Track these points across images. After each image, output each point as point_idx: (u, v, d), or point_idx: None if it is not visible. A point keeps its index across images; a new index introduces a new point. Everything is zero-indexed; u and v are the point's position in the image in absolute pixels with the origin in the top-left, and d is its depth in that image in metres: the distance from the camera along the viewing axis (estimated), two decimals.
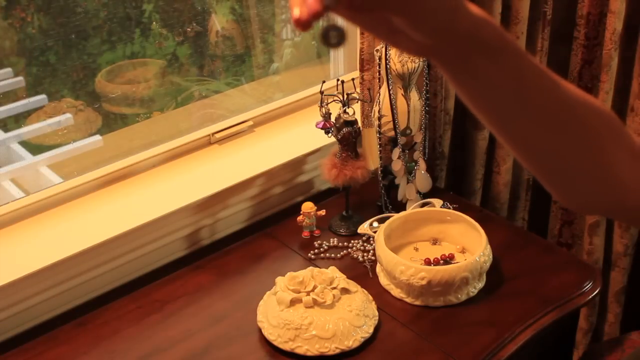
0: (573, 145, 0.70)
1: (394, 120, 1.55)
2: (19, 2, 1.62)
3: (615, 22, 1.71)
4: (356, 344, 1.26)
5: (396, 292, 1.38)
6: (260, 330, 1.30)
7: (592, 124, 0.70)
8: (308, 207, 1.53)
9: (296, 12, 0.52)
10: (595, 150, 0.71)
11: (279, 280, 1.32)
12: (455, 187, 1.82)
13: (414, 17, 0.59)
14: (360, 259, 1.49)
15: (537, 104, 0.67)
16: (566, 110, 0.68)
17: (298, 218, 1.54)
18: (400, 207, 1.60)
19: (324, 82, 1.49)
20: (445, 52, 0.63)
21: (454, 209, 1.54)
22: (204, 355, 1.28)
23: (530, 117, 0.68)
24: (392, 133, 1.56)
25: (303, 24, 0.52)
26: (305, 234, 1.55)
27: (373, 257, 1.48)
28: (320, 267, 1.37)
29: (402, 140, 1.56)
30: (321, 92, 1.47)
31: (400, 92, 1.52)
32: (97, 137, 1.67)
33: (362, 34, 1.60)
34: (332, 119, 1.50)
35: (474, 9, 0.62)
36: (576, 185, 0.74)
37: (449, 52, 0.63)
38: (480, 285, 1.39)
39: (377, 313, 1.32)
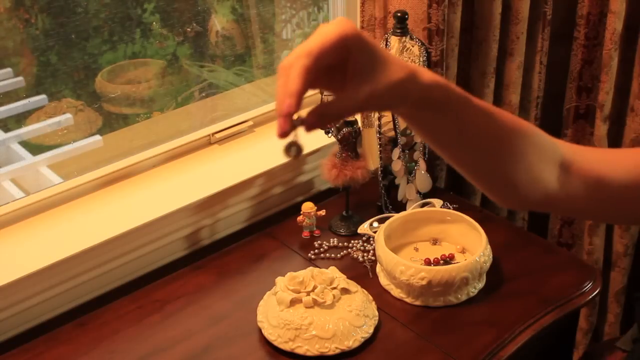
0: (505, 164, 0.85)
1: (394, 120, 1.55)
2: (22, 3, 1.62)
3: (615, 22, 1.71)
4: (356, 344, 1.26)
5: (396, 292, 1.38)
6: (260, 330, 1.30)
7: (520, 146, 0.84)
8: (308, 207, 1.53)
9: (277, 127, 0.70)
10: (523, 166, 0.85)
11: (279, 280, 1.32)
12: (455, 187, 1.82)
13: (371, 109, 0.77)
14: (360, 259, 1.49)
15: (475, 140, 0.81)
16: (498, 139, 0.83)
17: (298, 218, 1.54)
18: (400, 207, 1.60)
19: None
20: (399, 111, 0.78)
21: (454, 209, 1.54)
22: (204, 355, 1.28)
23: (469, 148, 0.82)
24: (392, 133, 1.56)
25: (280, 136, 0.70)
26: (305, 234, 1.55)
27: (373, 257, 1.48)
28: (320, 267, 1.37)
29: (402, 140, 1.56)
30: (321, 93, 1.47)
31: None
32: (97, 137, 1.67)
33: None
34: None
35: (426, 75, 0.74)
36: (509, 193, 0.89)
37: (403, 111, 0.77)
38: (480, 285, 1.39)
39: (377, 313, 1.32)
